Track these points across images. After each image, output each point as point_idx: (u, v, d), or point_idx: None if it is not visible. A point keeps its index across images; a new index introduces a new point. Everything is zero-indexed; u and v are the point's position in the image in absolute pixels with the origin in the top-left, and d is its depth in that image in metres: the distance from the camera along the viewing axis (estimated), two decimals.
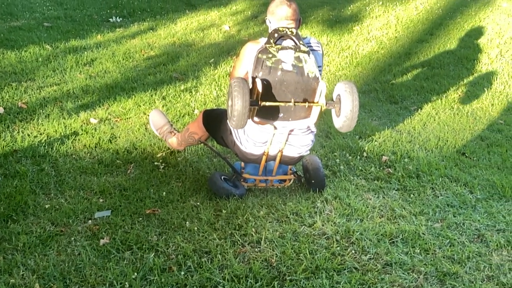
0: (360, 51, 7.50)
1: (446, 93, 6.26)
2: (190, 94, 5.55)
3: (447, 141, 4.99)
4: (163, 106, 5.12)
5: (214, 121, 3.87)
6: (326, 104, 3.41)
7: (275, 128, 3.49)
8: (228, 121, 3.35)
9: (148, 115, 4.68)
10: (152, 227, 3.29)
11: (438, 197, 3.97)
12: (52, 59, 6.18)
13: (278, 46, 3.36)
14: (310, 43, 3.59)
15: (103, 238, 3.14)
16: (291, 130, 3.55)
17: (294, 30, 3.43)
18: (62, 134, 4.41)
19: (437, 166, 4.40)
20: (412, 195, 3.95)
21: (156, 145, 4.38)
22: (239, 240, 3.23)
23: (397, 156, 4.53)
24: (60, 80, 5.60)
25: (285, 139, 3.58)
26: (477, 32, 8.12)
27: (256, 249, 3.17)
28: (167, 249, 3.10)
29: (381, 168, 4.34)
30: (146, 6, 9.09)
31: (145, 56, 6.67)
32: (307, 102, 3.39)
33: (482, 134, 5.22)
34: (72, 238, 3.14)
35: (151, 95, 5.38)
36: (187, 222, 3.36)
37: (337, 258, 3.11)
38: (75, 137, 4.39)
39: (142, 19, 8.40)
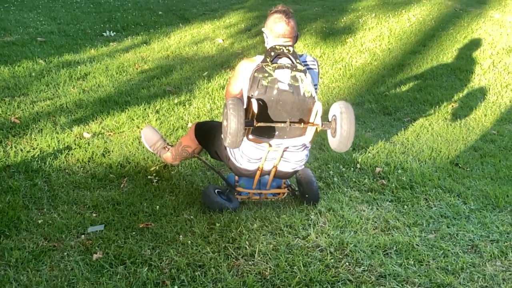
0: (354, 63, 7.52)
1: (439, 104, 6.28)
2: (184, 107, 5.56)
3: (441, 152, 5.00)
4: (156, 120, 5.13)
5: (208, 134, 3.85)
6: (322, 125, 3.39)
7: (270, 145, 3.48)
8: (223, 140, 3.33)
9: (141, 131, 4.68)
10: (145, 241, 3.28)
11: (432, 208, 3.97)
12: (46, 73, 6.18)
13: (274, 65, 3.34)
14: (306, 61, 3.56)
15: (96, 253, 3.13)
16: (286, 147, 3.55)
17: (291, 49, 3.41)
18: (55, 148, 4.41)
19: (431, 177, 4.41)
20: (405, 206, 3.96)
21: (149, 159, 4.38)
22: (232, 253, 3.22)
23: (390, 168, 4.54)
24: (53, 94, 5.60)
25: (279, 155, 3.56)
26: (470, 43, 8.17)
27: (250, 262, 3.16)
28: (161, 263, 3.09)
29: (375, 180, 4.35)
30: (139, 20, 9.11)
31: (139, 70, 6.68)
32: (302, 123, 3.38)
33: (476, 144, 5.24)
34: (65, 253, 3.12)
35: (145, 109, 5.38)
36: (181, 236, 3.35)
37: (331, 270, 3.11)
38: (68, 151, 4.38)
39: (136, 33, 8.41)
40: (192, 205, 3.77)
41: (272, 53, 3.37)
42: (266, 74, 3.30)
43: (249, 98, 3.31)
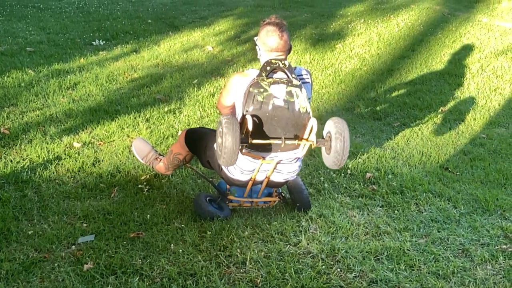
0: (343, 69, 7.55)
1: (428, 109, 6.30)
2: (174, 115, 5.56)
3: (430, 156, 5.02)
4: (146, 128, 5.12)
5: (199, 143, 3.84)
6: (317, 142, 3.37)
7: (263, 158, 3.47)
8: (217, 158, 3.31)
9: (132, 139, 4.67)
10: (136, 251, 3.27)
11: (422, 212, 3.98)
12: (35, 83, 6.17)
13: (270, 80, 3.30)
14: (301, 74, 3.54)
15: (87, 263, 3.12)
16: (280, 160, 3.54)
17: (286, 63, 3.36)
18: (45, 159, 4.39)
19: (421, 181, 4.42)
20: (396, 211, 3.97)
21: (140, 168, 4.37)
22: (224, 261, 3.22)
23: (381, 173, 4.55)
24: (43, 104, 5.59)
25: (273, 167, 3.55)
26: (458, 47, 8.21)
27: (241, 270, 3.16)
28: (152, 272, 3.08)
29: (365, 185, 4.36)
30: (129, 29, 9.11)
31: (129, 78, 6.67)
32: (297, 140, 3.37)
33: (465, 148, 5.26)
34: (56, 264, 3.11)
35: (135, 118, 5.37)
36: (172, 245, 3.35)
37: (323, 277, 3.11)
38: (58, 161, 4.37)
39: (125, 41, 8.41)
40: (183, 214, 3.76)
41: (268, 68, 3.33)
42: (262, 90, 3.27)
43: (243, 115, 3.29)
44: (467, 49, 8.10)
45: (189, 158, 4.01)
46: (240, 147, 3.20)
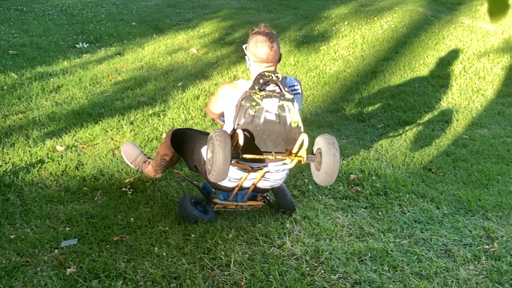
0: (327, 71, 7.57)
1: (412, 110, 6.34)
2: (158, 118, 5.54)
3: (414, 157, 5.05)
4: (130, 131, 5.10)
5: (185, 145, 3.81)
6: (307, 158, 3.37)
7: (252, 168, 3.45)
8: (207, 173, 3.26)
9: (116, 142, 4.66)
10: (120, 254, 3.26)
11: (406, 213, 4.01)
12: (18, 87, 6.13)
13: (262, 93, 3.26)
14: (293, 85, 3.52)
15: (69, 267, 3.11)
16: (268, 171, 3.52)
17: (280, 76, 3.31)
18: (28, 162, 4.37)
19: (404, 182, 4.45)
20: (380, 213, 3.99)
21: (124, 171, 4.36)
22: (208, 264, 3.22)
23: (364, 174, 4.57)
24: (25, 108, 5.55)
25: (260, 176, 3.54)
26: (441, 49, 8.27)
27: (225, 273, 3.16)
28: (136, 276, 3.07)
29: (349, 187, 4.37)
30: (113, 31, 9.08)
31: (113, 81, 6.65)
32: (287, 156, 3.37)
33: (448, 149, 5.30)
34: (38, 269, 3.10)
35: (119, 120, 5.35)
36: (156, 248, 3.34)
37: (307, 278, 3.12)
38: (41, 165, 4.35)
39: (109, 44, 8.38)
40: (167, 217, 3.76)
41: (261, 80, 3.28)
42: (254, 103, 3.24)
43: (234, 130, 3.27)
44: (450, 51, 8.16)
45: (176, 159, 3.99)
46: (230, 161, 3.17)
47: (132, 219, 3.67)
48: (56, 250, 3.28)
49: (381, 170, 4.69)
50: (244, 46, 3.49)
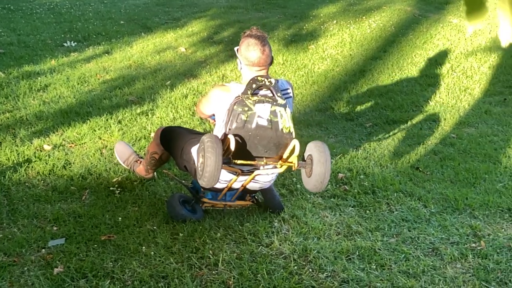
0: (316, 70, 7.58)
1: (400, 109, 6.36)
2: (147, 117, 5.53)
3: (402, 156, 5.07)
4: (119, 130, 5.09)
5: (175, 144, 3.78)
6: (298, 164, 3.37)
7: (242, 171, 3.44)
8: (198, 178, 3.24)
9: (103, 141, 4.64)
10: (107, 254, 3.26)
11: (393, 212, 4.02)
12: (5, 85, 6.10)
13: (255, 99, 3.24)
14: (285, 89, 3.50)
15: (57, 267, 3.10)
16: (258, 174, 3.51)
17: (272, 81, 3.29)
18: (15, 161, 4.35)
19: (392, 181, 4.46)
20: (368, 211, 4.00)
21: (111, 170, 4.35)
22: (196, 263, 3.22)
23: (353, 173, 4.58)
24: (13, 107, 5.53)
25: (250, 178, 3.52)
26: (429, 48, 8.30)
27: (213, 272, 3.16)
28: (123, 275, 3.07)
29: (338, 186, 4.38)
30: (101, 30, 9.05)
31: (101, 80, 6.63)
32: (278, 161, 3.36)
33: (435, 148, 5.32)
34: (25, 268, 3.08)
35: (107, 119, 5.34)
36: (144, 247, 3.34)
37: (294, 277, 3.12)
38: (28, 164, 4.33)
39: (97, 43, 8.36)
40: (155, 216, 3.75)
41: (254, 85, 3.27)
42: (246, 108, 3.22)
43: (225, 135, 3.25)
44: (437, 50, 8.20)
45: (165, 157, 3.98)
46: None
47: (120, 218, 3.66)
48: (43, 250, 3.27)
49: (369, 169, 4.70)
50: (235, 49, 3.47)
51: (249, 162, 3.31)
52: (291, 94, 3.55)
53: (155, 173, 4.23)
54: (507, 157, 5.14)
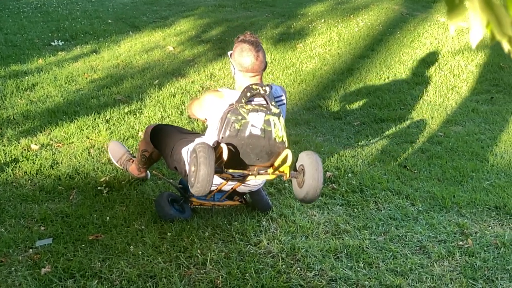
0: (304, 68, 7.59)
1: (387, 108, 6.39)
2: (135, 116, 5.52)
3: (389, 154, 5.09)
4: (106, 130, 5.07)
5: (165, 142, 3.76)
6: (290, 174, 3.35)
7: (233, 177, 3.43)
8: (189, 186, 3.22)
9: (91, 141, 4.62)
10: (95, 254, 3.25)
11: (381, 210, 4.04)
12: None
13: (249, 107, 3.21)
14: (279, 95, 3.48)
15: (44, 267, 3.08)
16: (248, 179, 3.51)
17: (267, 89, 3.25)
18: (2, 161, 4.32)
19: (380, 180, 4.48)
20: (356, 210, 4.01)
21: (99, 169, 4.34)
22: (184, 263, 3.22)
23: (341, 172, 4.59)
24: None
25: (240, 183, 3.53)
26: (416, 46, 8.33)
27: (201, 271, 3.16)
28: (111, 275, 3.06)
29: (325, 184, 4.39)
30: (88, 29, 9.01)
31: (88, 79, 6.61)
32: (271, 171, 3.35)
33: (423, 146, 5.34)
34: (13, 268, 3.07)
35: (94, 119, 5.32)
36: (132, 247, 3.33)
37: (283, 276, 3.13)
38: (16, 164, 4.31)
39: (85, 42, 8.32)
40: (143, 215, 3.74)
41: (248, 94, 3.22)
42: (240, 117, 3.19)
43: (218, 143, 3.23)
44: (425, 49, 8.23)
45: (156, 156, 3.96)
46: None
47: (107, 218, 3.65)
48: (30, 250, 3.26)
49: (357, 168, 4.72)
50: (228, 53, 3.44)
51: (240, 170, 3.30)
52: (284, 101, 3.53)
53: (148, 172, 4.22)
54: (494, 155, 5.17)
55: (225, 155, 3.15)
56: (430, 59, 7.85)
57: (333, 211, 3.97)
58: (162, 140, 3.79)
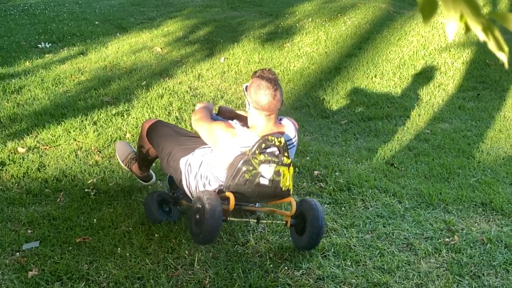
0: (292, 68, 7.60)
1: (375, 106, 6.41)
2: (122, 117, 5.51)
3: (377, 152, 5.11)
4: (94, 132, 5.06)
5: (162, 146, 3.61)
6: (290, 224, 3.38)
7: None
8: (192, 235, 3.20)
9: (78, 143, 4.61)
10: (82, 256, 3.25)
11: (368, 208, 4.05)
12: None
13: (261, 158, 3.14)
14: (291, 139, 3.38)
15: (31, 270, 3.08)
16: None
17: (282, 140, 3.19)
18: None
19: (367, 178, 4.50)
20: (343, 208, 4.03)
21: (86, 172, 4.33)
22: (172, 264, 3.22)
23: (328, 170, 4.61)
24: None
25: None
26: (403, 44, 8.36)
27: (189, 272, 3.17)
28: (98, 277, 3.06)
29: (313, 183, 4.41)
30: (76, 31, 8.98)
31: (76, 81, 6.59)
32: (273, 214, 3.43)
33: (410, 144, 5.37)
34: (0, 272, 3.06)
35: (82, 121, 5.31)
36: (119, 249, 3.33)
37: (270, 275, 3.14)
38: (2, 167, 4.29)
39: (72, 43, 8.29)
40: (131, 217, 3.74)
41: (263, 145, 3.15)
42: (251, 168, 3.13)
43: (224, 189, 3.23)
44: (412, 46, 8.26)
45: (153, 153, 3.82)
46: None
47: (95, 220, 3.65)
48: (17, 253, 3.25)
49: (344, 166, 4.73)
50: (244, 86, 3.34)
51: (244, 220, 3.45)
52: (295, 143, 3.44)
53: (152, 173, 4.13)
54: (481, 152, 5.20)
55: (231, 205, 3.17)
56: (417, 57, 7.88)
57: None
58: (159, 140, 3.68)
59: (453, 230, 3.77)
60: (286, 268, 3.24)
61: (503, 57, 1.17)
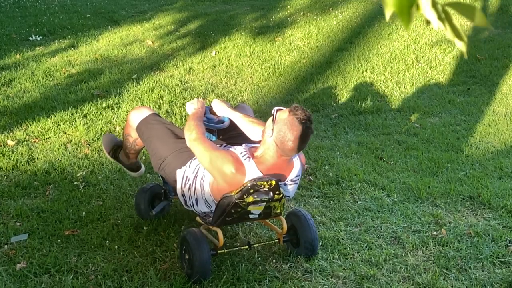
0: (283, 62, 7.60)
1: (365, 100, 6.42)
2: (112, 111, 5.50)
3: (366, 146, 5.12)
4: (84, 125, 5.06)
5: (156, 148, 3.39)
6: (283, 241, 3.35)
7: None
8: (184, 272, 3.12)
9: (68, 136, 4.60)
10: (71, 249, 3.26)
11: (357, 202, 4.07)
12: None
13: (250, 200, 2.94)
14: (299, 175, 3.18)
15: (20, 263, 3.09)
16: None
17: (273, 182, 2.94)
18: None
19: (356, 171, 4.51)
20: (332, 202, 4.05)
21: (76, 164, 4.33)
22: (160, 257, 3.23)
23: (318, 164, 4.62)
24: None
25: None
26: (394, 39, 8.38)
27: (177, 265, 3.18)
28: (87, 270, 3.07)
29: (303, 176, 4.42)
30: (67, 24, 8.95)
31: (66, 74, 6.57)
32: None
33: (400, 138, 5.38)
34: None
35: (72, 114, 5.30)
36: (107, 241, 3.34)
37: (258, 268, 3.16)
38: None
39: (63, 36, 8.26)
40: (120, 210, 3.75)
41: (251, 190, 2.91)
42: (239, 209, 2.97)
43: (215, 222, 3.09)
44: (402, 41, 8.28)
45: (140, 144, 3.58)
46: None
47: (83, 213, 3.66)
48: (6, 246, 3.26)
49: (334, 160, 4.75)
50: (275, 110, 3.02)
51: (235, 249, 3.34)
52: (298, 182, 3.21)
53: (141, 163, 3.92)
54: (469, 146, 5.23)
55: (221, 243, 3.12)
56: (407, 51, 7.90)
57: (310, 203, 4.01)
58: (152, 139, 3.42)
59: (441, 223, 3.80)
60: (274, 261, 3.26)
61: (460, 45, 1.18)
